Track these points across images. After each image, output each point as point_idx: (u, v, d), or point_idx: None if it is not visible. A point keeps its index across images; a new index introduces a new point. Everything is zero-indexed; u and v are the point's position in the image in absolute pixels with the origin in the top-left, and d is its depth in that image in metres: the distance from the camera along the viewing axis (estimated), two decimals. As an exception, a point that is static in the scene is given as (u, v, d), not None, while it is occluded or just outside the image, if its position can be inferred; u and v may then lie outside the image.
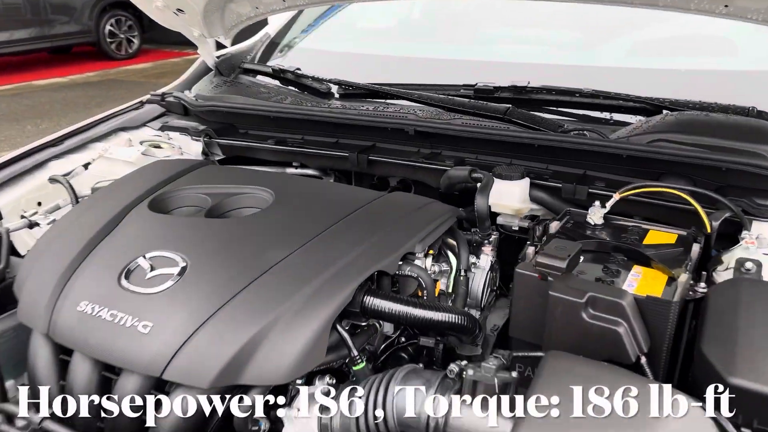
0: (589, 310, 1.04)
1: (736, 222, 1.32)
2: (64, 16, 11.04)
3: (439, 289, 1.31)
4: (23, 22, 10.50)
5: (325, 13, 2.77)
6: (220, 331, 1.05)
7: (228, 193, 1.44)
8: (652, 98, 1.63)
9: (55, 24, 10.96)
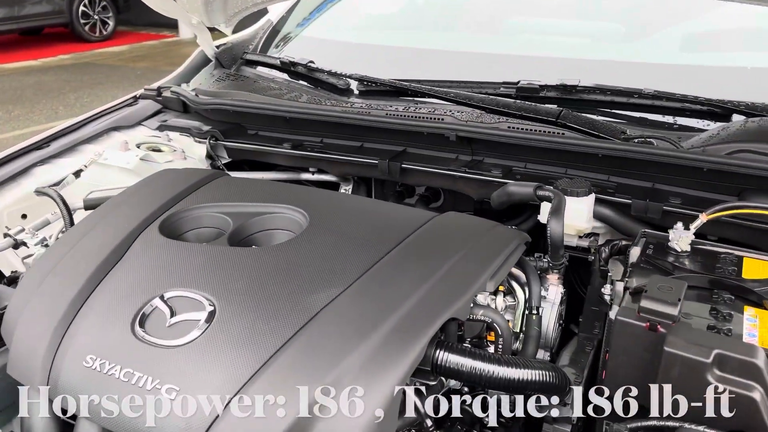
0: (715, 371, 0.86)
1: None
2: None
3: (509, 329, 1.12)
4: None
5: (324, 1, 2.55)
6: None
7: (252, 212, 1.23)
8: (723, 101, 1.45)
9: (26, 4, 10.50)
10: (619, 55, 1.86)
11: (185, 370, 0.90)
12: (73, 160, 1.71)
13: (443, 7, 2.37)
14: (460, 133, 1.48)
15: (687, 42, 1.81)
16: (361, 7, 2.48)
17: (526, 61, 1.88)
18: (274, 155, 1.73)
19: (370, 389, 0.84)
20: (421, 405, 0.90)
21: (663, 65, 1.75)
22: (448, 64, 1.96)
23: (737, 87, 1.59)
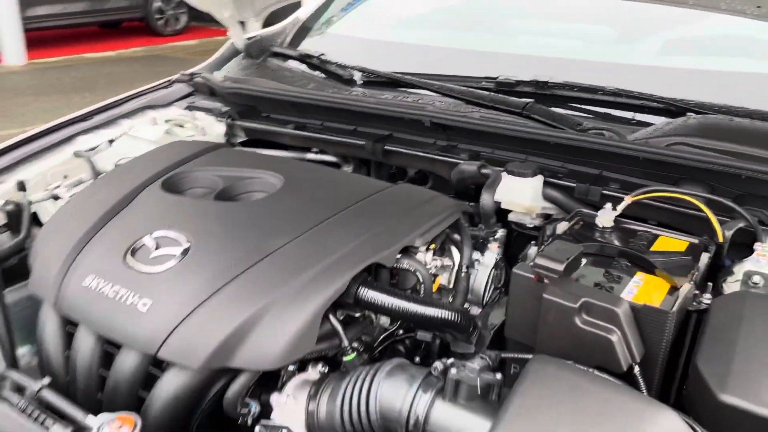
0: (582, 315, 1.03)
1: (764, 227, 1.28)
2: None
3: (439, 284, 1.31)
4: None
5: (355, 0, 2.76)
6: (214, 314, 1.07)
7: (240, 176, 1.46)
8: (677, 99, 1.58)
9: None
10: (604, 57, 2.00)
11: (159, 290, 1.13)
12: (110, 131, 1.98)
13: (451, 9, 2.55)
14: (434, 120, 1.66)
15: (665, 46, 1.93)
16: (381, 9, 2.68)
17: (516, 60, 2.03)
18: (281, 135, 1.95)
19: (295, 311, 1.05)
20: (341, 330, 1.10)
21: (641, 66, 1.88)
22: (446, 60, 2.14)
23: (703, 88, 1.70)
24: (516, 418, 0.84)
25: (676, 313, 1.02)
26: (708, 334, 1.00)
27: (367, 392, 0.99)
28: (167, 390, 1.08)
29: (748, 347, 0.96)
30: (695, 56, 1.88)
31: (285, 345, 1.03)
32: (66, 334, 1.24)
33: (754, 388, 0.90)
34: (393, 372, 1.00)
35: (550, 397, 0.87)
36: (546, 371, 0.91)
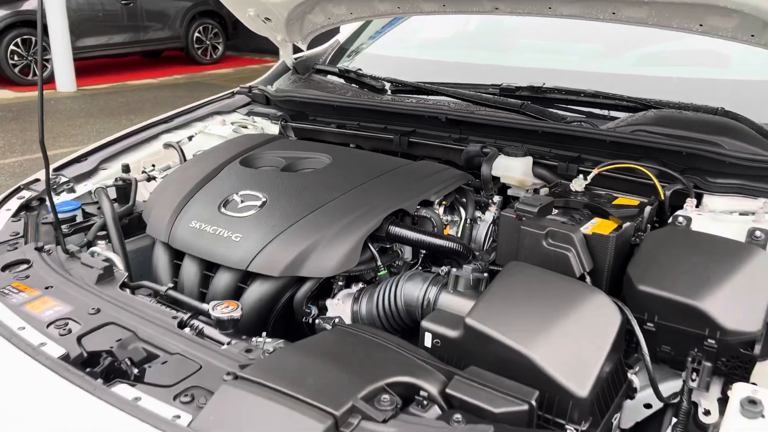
0: (548, 239, 1.44)
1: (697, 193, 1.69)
2: (157, 23, 12.03)
3: (449, 233, 1.73)
4: (120, 27, 11.53)
5: (388, 24, 3.24)
6: (286, 241, 1.51)
7: (297, 156, 1.92)
8: (641, 99, 2.00)
9: (149, 30, 11.96)
10: (591, 68, 2.43)
11: (247, 227, 1.58)
12: (187, 131, 2.46)
13: (465, 32, 3.01)
14: (449, 116, 2.10)
15: (641, 59, 2.35)
16: (407, 33, 3.15)
17: (520, 71, 2.46)
18: (324, 133, 2.41)
19: (343, 241, 1.49)
20: (377, 254, 1.54)
21: (620, 75, 2.31)
22: (462, 72, 2.59)
23: (669, 91, 2.10)
24: (492, 297, 1.26)
25: (615, 238, 1.42)
26: (638, 252, 1.41)
27: (395, 289, 1.42)
28: (253, 295, 1.51)
29: (661, 256, 1.37)
30: (660, 66, 2.29)
31: (337, 260, 1.47)
32: (174, 265, 1.69)
33: (660, 281, 1.30)
34: (412, 276, 1.43)
35: (517, 284, 1.28)
36: (517, 267, 1.33)
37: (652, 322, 1.32)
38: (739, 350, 1.25)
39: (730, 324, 1.24)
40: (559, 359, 1.15)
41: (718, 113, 1.87)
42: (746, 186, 1.66)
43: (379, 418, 1.03)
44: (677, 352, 1.31)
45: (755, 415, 1.02)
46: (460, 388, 1.12)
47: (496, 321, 1.21)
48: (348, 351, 1.21)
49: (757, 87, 2.12)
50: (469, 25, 3.16)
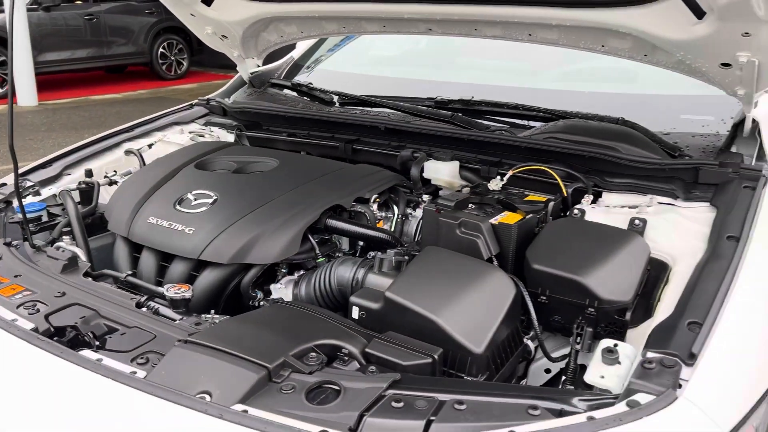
0: (461, 228, 1.67)
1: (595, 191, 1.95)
2: (121, 39, 12.08)
3: (382, 226, 1.96)
4: (84, 42, 11.57)
5: (340, 42, 3.48)
6: (234, 233, 1.72)
7: (248, 160, 2.12)
8: (555, 110, 2.26)
9: (113, 45, 12.01)
10: (521, 83, 2.69)
11: (199, 222, 1.77)
12: (147, 140, 2.64)
13: (415, 51, 3.27)
14: (388, 126, 2.33)
15: (562, 75, 2.63)
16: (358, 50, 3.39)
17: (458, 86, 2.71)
18: (277, 141, 2.61)
19: (285, 232, 1.70)
20: (315, 244, 1.75)
21: (543, 90, 2.58)
22: (405, 87, 2.83)
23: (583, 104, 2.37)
24: (407, 274, 1.49)
25: (517, 227, 1.66)
26: (537, 238, 1.65)
27: (329, 272, 1.63)
28: (204, 281, 1.71)
29: (554, 241, 1.61)
30: (578, 82, 2.57)
31: (278, 249, 1.68)
32: (133, 258, 1.88)
33: (549, 258, 1.54)
34: (344, 260, 1.66)
35: (430, 264, 1.51)
36: (431, 251, 1.56)
37: (544, 296, 1.55)
38: (614, 317, 1.49)
39: (605, 294, 1.48)
40: (459, 323, 1.38)
41: (619, 122, 2.13)
42: (637, 184, 1.92)
43: (306, 370, 1.24)
44: (566, 320, 1.55)
45: (612, 361, 1.26)
46: (376, 347, 1.34)
47: (409, 293, 1.43)
48: (283, 321, 1.42)
49: (658, 100, 2.40)
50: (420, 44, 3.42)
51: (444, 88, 2.73)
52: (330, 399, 1.18)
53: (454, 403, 1.15)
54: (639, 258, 1.57)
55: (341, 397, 1.17)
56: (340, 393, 1.18)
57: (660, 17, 1.81)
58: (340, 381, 1.21)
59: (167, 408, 1.15)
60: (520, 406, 1.15)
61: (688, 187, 1.89)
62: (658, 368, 1.18)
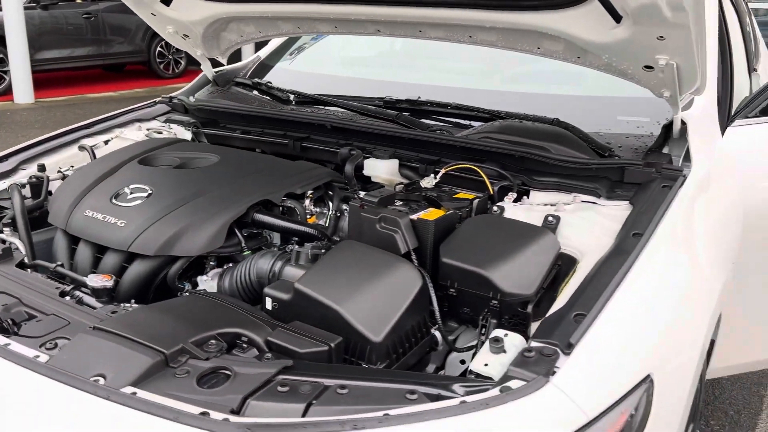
0: (381, 223, 1.72)
1: (522, 189, 2.00)
2: (119, 37, 12.17)
3: (315, 221, 2.01)
4: (82, 41, 11.67)
5: (311, 42, 3.54)
6: (162, 225, 1.77)
7: (192, 156, 2.18)
8: (494, 110, 2.31)
9: (111, 44, 12.10)
10: (473, 84, 2.75)
11: (131, 215, 1.83)
12: (105, 136, 2.71)
13: (387, 52, 3.33)
14: (333, 124, 2.39)
15: (512, 77, 2.68)
16: (323, 51, 3.45)
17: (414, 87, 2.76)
18: (231, 138, 2.67)
19: (210, 225, 1.76)
20: (241, 237, 1.80)
21: (494, 91, 2.63)
22: (362, 86, 2.88)
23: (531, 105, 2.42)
24: (318, 267, 1.54)
25: (434, 222, 1.71)
26: (453, 233, 1.70)
27: (249, 266, 1.69)
28: (133, 272, 1.77)
29: (468, 236, 1.66)
30: (528, 83, 2.63)
31: (203, 241, 1.73)
32: (71, 249, 1.94)
33: (459, 254, 1.59)
34: (264, 253, 1.71)
35: (342, 257, 1.57)
36: (346, 244, 1.61)
37: (453, 288, 1.60)
38: (517, 309, 1.54)
39: (508, 288, 1.53)
40: (361, 313, 1.43)
41: (553, 123, 2.18)
42: (563, 183, 1.97)
43: (203, 356, 1.30)
44: (474, 312, 1.60)
45: (498, 350, 1.31)
46: (278, 336, 1.39)
47: (317, 285, 1.48)
48: (192, 310, 1.47)
49: (600, 102, 2.45)
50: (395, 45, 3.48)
51: (403, 88, 2.77)
52: (220, 383, 1.23)
53: (338, 388, 1.21)
54: (547, 253, 1.62)
55: (230, 382, 1.23)
56: (231, 378, 1.24)
57: (582, 20, 1.86)
58: (233, 366, 1.26)
59: (61, 390, 1.20)
60: (400, 391, 1.20)
61: (613, 187, 1.94)
62: (537, 357, 1.23)
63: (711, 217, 2.00)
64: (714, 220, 2.01)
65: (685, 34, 1.69)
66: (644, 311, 1.39)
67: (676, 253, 1.60)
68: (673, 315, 1.43)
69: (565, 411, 1.15)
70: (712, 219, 1.99)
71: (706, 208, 1.99)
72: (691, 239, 1.71)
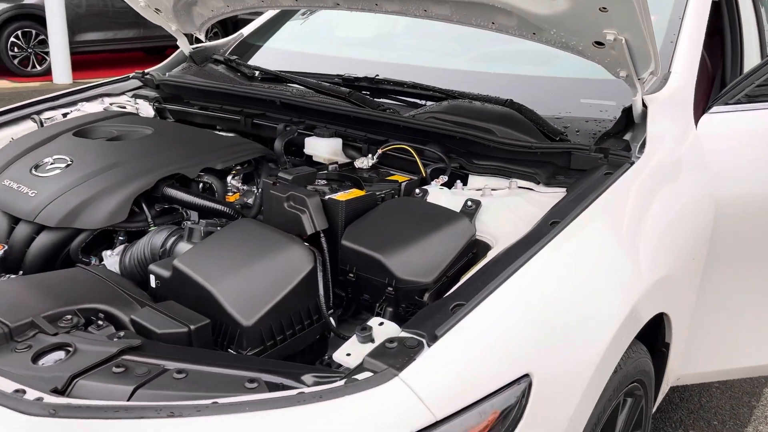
0: (289, 202, 1.62)
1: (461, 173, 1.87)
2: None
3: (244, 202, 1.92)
4: (123, 23, 11.85)
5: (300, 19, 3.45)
6: (68, 197, 1.72)
7: (127, 129, 2.12)
8: (446, 90, 2.17)
9: (152, 27, 12.19)
10: (442, 64, 2.61)
11: (43, 186, 1.78)
12: (68, 109, 2.68)
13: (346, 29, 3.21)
14: (283, 101, 2.29)
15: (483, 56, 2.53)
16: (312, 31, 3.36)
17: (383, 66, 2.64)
18: (190, 114, 2.60)
19: (112, 197, 1.69)
20: (147, 211, 1.73)
21: (463, 71, 2.49)
22: (329, 64, 2.77)
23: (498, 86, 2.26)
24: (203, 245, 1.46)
25: (345, 203, 1.60)
26: (365, 215, 1.59)
27: (146, 241, 1.61)
28: (38, 244, 1.71)
29: (378, 220, 1.55)
30: (498, 63, 2.48)
31: (104, 214, 1.67)
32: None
33: (359, 238, 1.48)
34: (161, 229, 1.64)
35: (232, 235, 1.48)
36: (241, 223, 1.52)
37: (352, 273, 1.49)
38: (414, 298, 1.42)
39: (403, 274, 1.41)
40: (236, 295, 1.34)
41: (505, 104, 2.03)
42: (503, 167, 1.83)
43: (51, 332, 1.23)
44: (373, 299, 1.48)
45: (365, 339, 1.20)
46: (142, 315, 1.31)
47: (196, 263, 1.40)
48: (64, 283, 1.41)
49: (567, 83, 2.28)
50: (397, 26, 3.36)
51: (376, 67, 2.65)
52: (57, 360, 1.16)
53: (175, 372, 1.12)
54: (456, 239, 1.49)
55: (66, 359, 1.16)
56: (69, 355, 1.16)
57: (524, -10, 1.71)
58: (76, 343, 1.19)
59: None
60: (241, 379, 1.11)
61: (556, 173, 1.79)
62: (398, 348, 1.12)
63: (669, 209, 1.82)
64: (672, 212, 1.83)
65: (627, 3, 1.53)
66: (532, 305, 1.25)
67: (592, 245, 1.45)
68: (569, 311, 1.29)
69: (409, 409, 1.03)
70: (669, 211, 1.82)
71: (665, 199, 1.82)
72: (621, 231, 1.55)
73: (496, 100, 2.07)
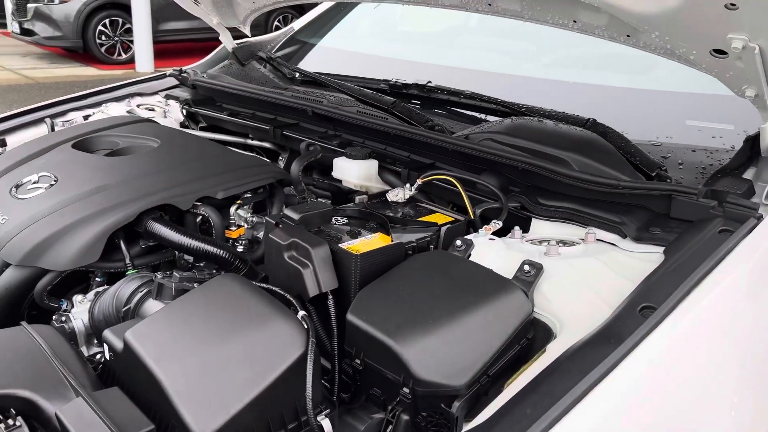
0: (291, 252, 1.25)
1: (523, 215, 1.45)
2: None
3: (243, 235, 1.57)
4: (197, 15, 11.91)
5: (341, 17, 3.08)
6: (38, 228, 1.42)
7: (132, 141, 1.82)
8: (512, 103, 1.74)
9: (203, 18, 12.27)
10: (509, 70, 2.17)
11: (17, 211, 1.50)
12: (92, 111, 2.43)
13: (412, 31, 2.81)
14: (316, 111, 1.93)
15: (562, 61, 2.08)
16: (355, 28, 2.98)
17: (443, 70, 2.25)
18: (222, 121, 2.29)
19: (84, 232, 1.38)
20: (125, 249, 1.41)
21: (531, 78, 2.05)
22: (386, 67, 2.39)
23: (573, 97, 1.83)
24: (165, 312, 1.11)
25: (359, 257, 1.22)
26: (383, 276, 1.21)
27: (114, 292, 1.29)
28: (3, 282, 1.43)
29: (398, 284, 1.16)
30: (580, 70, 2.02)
31: (72, 254, 1.36)
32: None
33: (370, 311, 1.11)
34: (134, 278, 1.30)
35: (202, 300, 1.12)
36: (218, 281, 1.17)
37: (359, 359, 1.11)
38: (439, 405, 1.03)
39: (424, 373, 1.02)
40: (194, 391, 0.99)
41: (586, 125, 1.59)
42: (577, 212, 1.39)
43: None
44: (386, 397, 1.10)
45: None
46: (69, 412, 0.98)
47: (150, 340, 1.06)
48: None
49: (668, 99, 1.80)
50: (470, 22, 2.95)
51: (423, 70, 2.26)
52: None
53: None
54: (504, 323, 1.08)
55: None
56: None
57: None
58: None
59: None
60: None
61: (650, 223, 1.34)
62: None
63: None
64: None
65: None
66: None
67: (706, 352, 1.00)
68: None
69: None
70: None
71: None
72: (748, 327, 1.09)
73: (575, 119, 1.63)
